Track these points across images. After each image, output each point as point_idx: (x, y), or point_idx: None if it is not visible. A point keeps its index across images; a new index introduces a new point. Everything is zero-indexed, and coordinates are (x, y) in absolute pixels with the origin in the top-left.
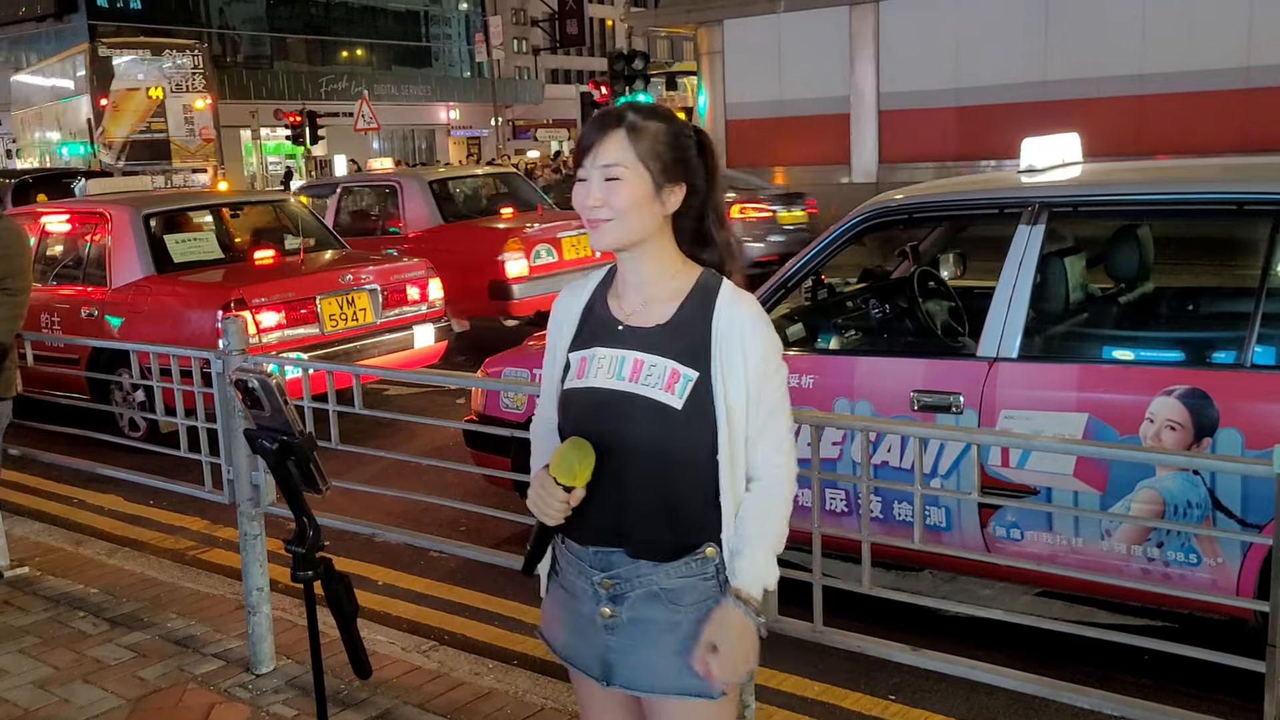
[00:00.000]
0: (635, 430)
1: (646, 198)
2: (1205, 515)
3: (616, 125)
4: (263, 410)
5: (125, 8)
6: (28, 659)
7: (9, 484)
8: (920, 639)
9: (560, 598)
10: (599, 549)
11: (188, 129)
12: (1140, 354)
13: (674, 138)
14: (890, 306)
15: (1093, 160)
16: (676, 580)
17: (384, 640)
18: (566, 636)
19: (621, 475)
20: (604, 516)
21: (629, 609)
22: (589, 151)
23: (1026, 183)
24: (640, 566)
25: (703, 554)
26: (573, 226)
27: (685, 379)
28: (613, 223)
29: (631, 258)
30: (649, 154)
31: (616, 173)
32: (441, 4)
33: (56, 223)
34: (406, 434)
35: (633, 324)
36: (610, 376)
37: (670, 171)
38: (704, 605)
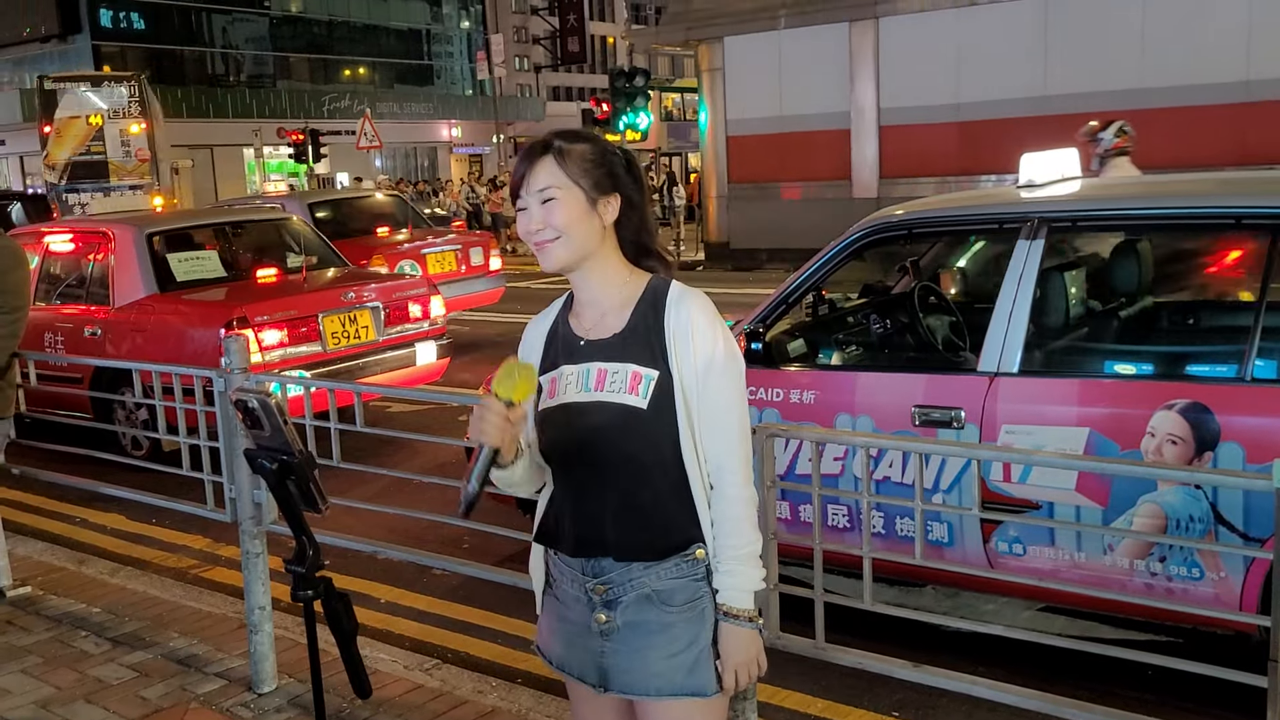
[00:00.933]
0: (605, 436)
1: (583, 212)
2: (1207, 530)
3: (544, 153)
4: (262, 430)
5: (129, 28)
6: (30, 679)
7: (11, 503)
8: (922, 655)
9: (554, 608)
10: (589, 558)
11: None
12: (1141, 368)
13: (600, 155)
14: (891, 321)
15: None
16: (668, 581)
17: (386, 658)
18: (561, 647)
19: (598, 483)
20: (586, 526)
21: (622, 613)
22: (523, 182)
23: (1026, 198)
24: (632, 569)
25: (692, 555)
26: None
27: (647, 379)
28: (558, 242)
29: (581, 275)
30: (578, 172)
31: (551, 194)
32: (443, 22)
33: (60, 242)
34: (409, 451)
35: (593, 337)
36: (579, 390)
37: (601, 185)
38: (696, 605)
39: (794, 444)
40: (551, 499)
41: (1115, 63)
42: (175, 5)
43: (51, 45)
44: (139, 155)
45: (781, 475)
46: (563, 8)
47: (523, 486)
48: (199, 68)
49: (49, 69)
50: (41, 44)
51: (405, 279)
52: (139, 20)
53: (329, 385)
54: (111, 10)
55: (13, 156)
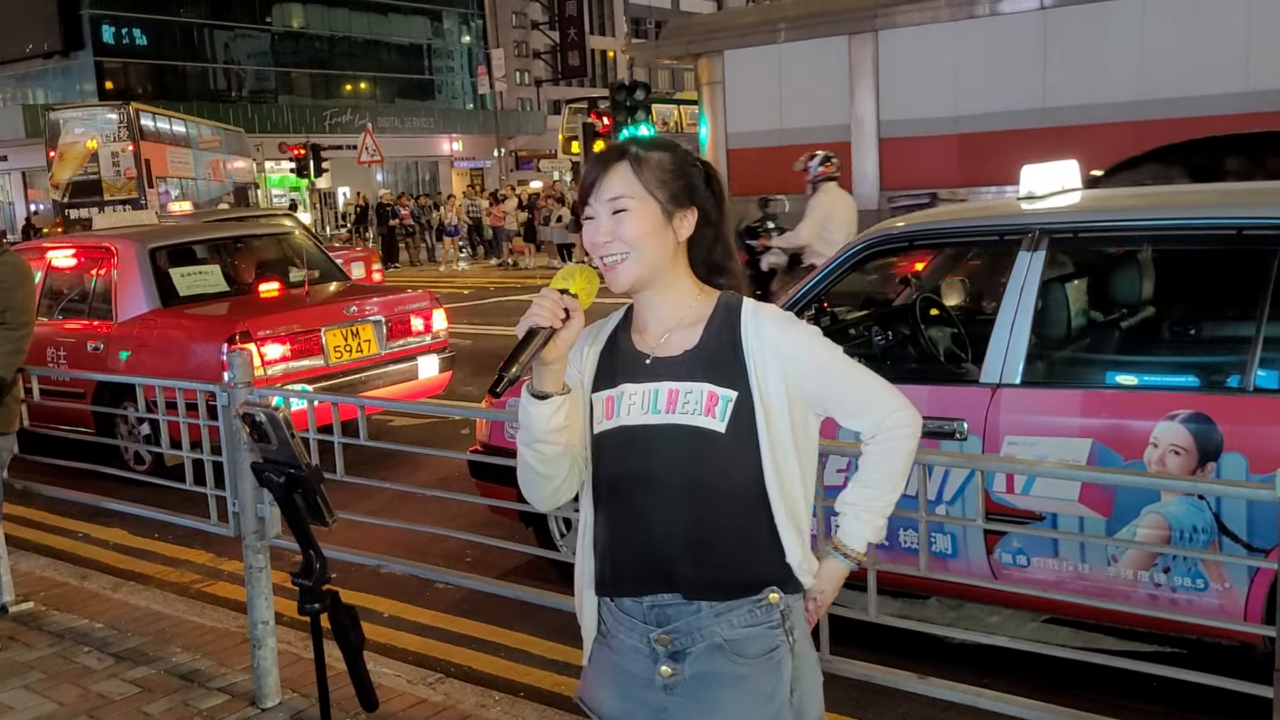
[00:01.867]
0: (678, 462)
1: (657, 226)
2: (1211, 540)
3: (619, 158)
4: (269, 443)
5: (131, 44)
6: (33, 695)
7: (14, 518)
8: (926, 667)
9: (606, 660)
10: (654, 602)
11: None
12: (1143, 379)
13: (679, 165)
14: (893, 333)
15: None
16: (741, 630)
17: (390, 672)
18: (616, 700)
19: (667, 513)
20: (653, 559)
21: (691, 665)
22: (593, 188)
23: (1026, 209)
24: (700, 617)
25: (765, 600)
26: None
27: (724, 399)
28: (628, 261)
29: (650, 294)
30: (654, 183)
31: (623, 204)
32: (444, 37)
33: (62, 257)
34: (411, 465)
35: (660, 355)
36: (645, 412)
37: (678, 198)
38: (773, 656)
39: None
40: (603, 540)
41: (1114, 75)
42: (177, 21)
43: (54, 61)
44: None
45: None
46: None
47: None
48: (201, 83)
49: (52, 85)
50: (44, 60)
51: (407, 293)
52: (141, 36)
53: (332, 399)
54: (114, 27)
55: (15, 172)
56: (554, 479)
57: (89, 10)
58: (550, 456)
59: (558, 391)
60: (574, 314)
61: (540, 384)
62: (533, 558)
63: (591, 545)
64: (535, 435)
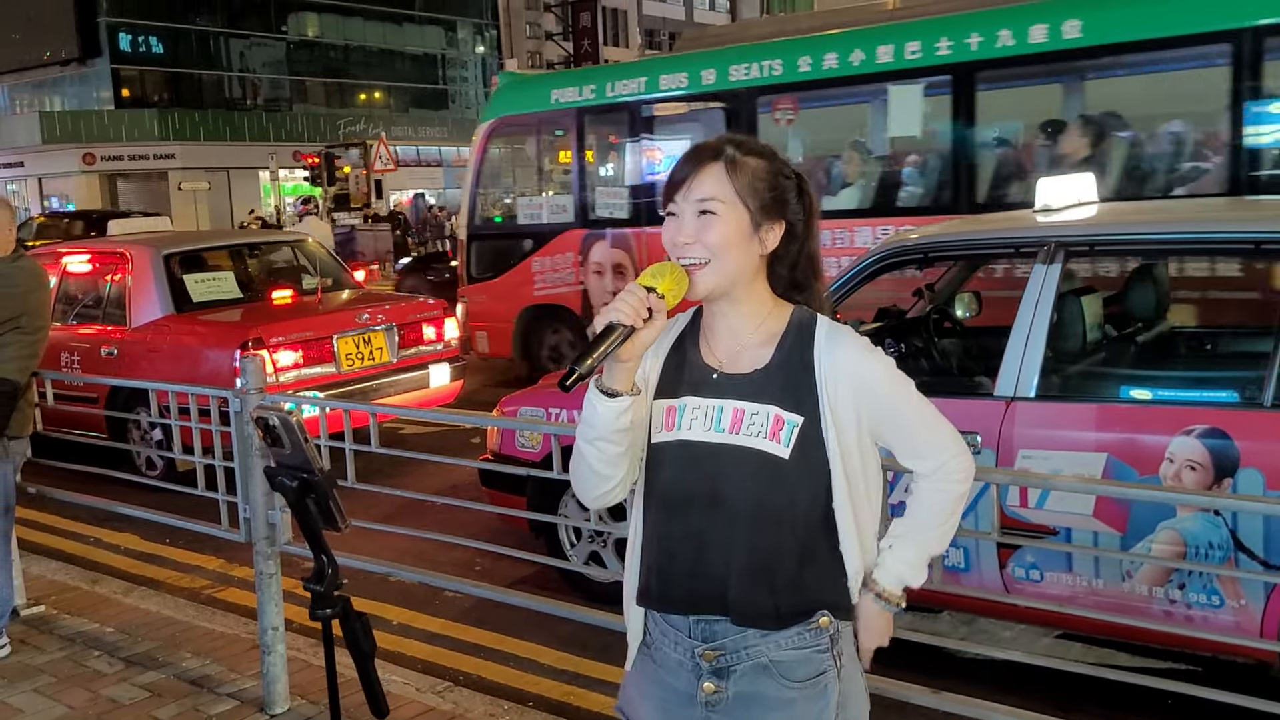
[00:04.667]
0: (739, 485)
1: (743, 236)
2: (1227, 556)
3: (714, 158)
4: (283, 448)
5: (148, 52)
6: (43, 698)
7: (27, 522)
8: (939, 681)
9: (649, 671)
10: (700, 618)
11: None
12: (1159, 393)
13: (774, 176)
14: (906, 345)
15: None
16: (789, 652)
17: (399, 680)
18: (656, 714)
19: (723, 535)
20: (704, 581)
21: (735, 683)
22: (682, 185)
23: (1042, 222)
24: (747, 637)
25: (816, 624)
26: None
27: (790, 425)
28: (708, 268)
29: (724, 304)
30: (747, 190)
31: (712, 207)
32: (458, 47)
33: (77, 263)
34: (422, 473)
35: (728, 371)
36: (707, 429)
37: (769, 210)
38: (820, 681)
39: None
40: (651, 552)
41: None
42: (194, 29)
43: (71, 69)
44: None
45: None
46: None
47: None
48: (216, 91)
49: (69, 92)
50: (61, 68)
51: (419, 301)
52: (157, 45)
53: (344, 406)
54: (130, 35)
55: (31, 178)
56: (610, 480)
57: (106, 18)
58: (610, 457)
59: (628, 391)
60: (657, 314)
61: (611, 381)
62: (543, 567)
63: (639, 555)
64: (599, 433)
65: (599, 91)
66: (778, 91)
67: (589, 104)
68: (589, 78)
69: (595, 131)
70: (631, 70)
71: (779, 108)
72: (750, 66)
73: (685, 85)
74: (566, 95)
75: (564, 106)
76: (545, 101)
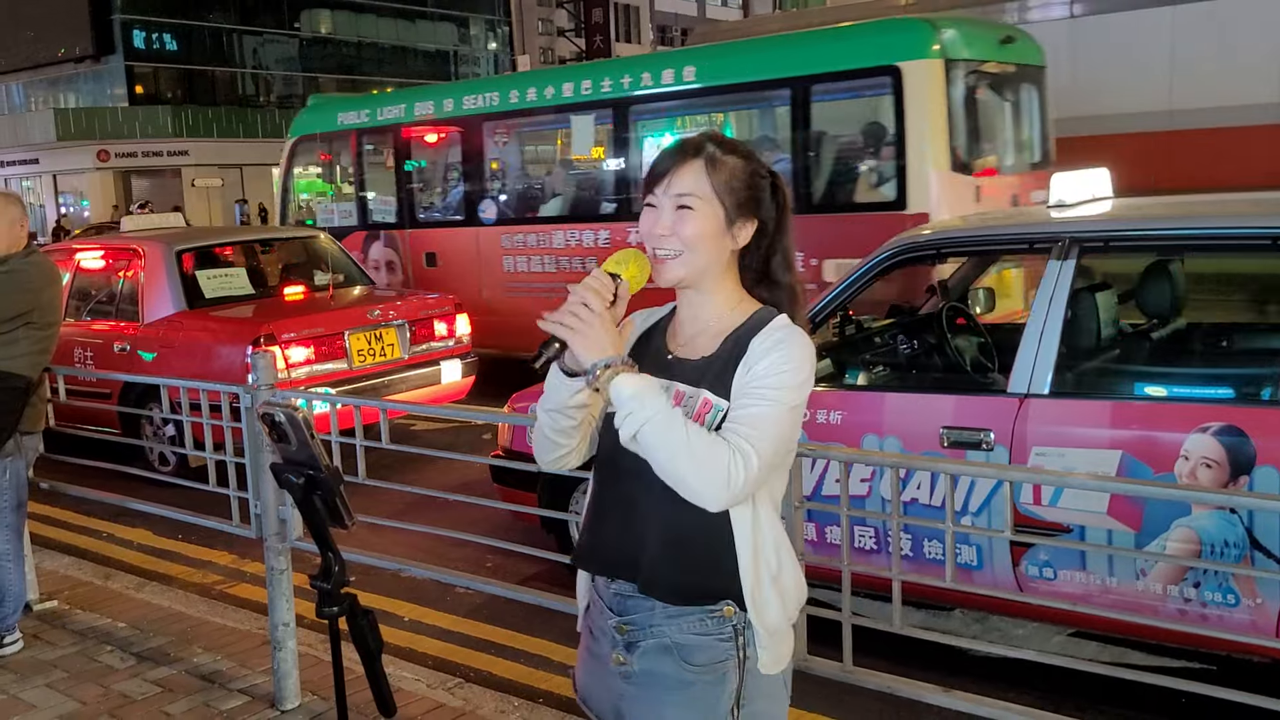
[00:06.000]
0: None
1: (716, 231)
2: (1243, 555)
3: (695, 155)
4: (289, 444)
5: (161, 49)
6: (55, 693)
7: (39, 517)
8: (951, 680)
9: (586, 641)
10: (617, 590)
11: None
12: (1174, 390)
13: (750, 175)
14: (919, 342)
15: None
16: (690, 636)
17: (409, 677)
18: (587, 678)
19: (641, 503)
20: (624, 546)
21: (640, 659)
22: (663, 178)
23: (1056, 217)
24: (654, 614)
25: (720, 612)
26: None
27: (716, 410)
28: (679, 259)
29: (693, 293)
30: (724, 188)
31: (689, 202)
32: (471, 44)
33: (90, 259)
34: (433, 469)
35: (681, 355)
36: None
37: (743, 207)
38: (719, 669)
39: (820, 464)
40: (590, 514)
41: (1143, 83)
42: (207, 26)
43: (85, 66)
44: None
45: (808, 496)
46: (589, 30)
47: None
48: (229, 88)
49: (83, 90)
50: (76, 65)
51: (431, 297)
52: (171, 42)
53: (355, 402)
54: (144, 32)
55: (46, 175)
56: (562, 447)
57: (120, 15)
58: (563, 427)
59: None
60: (620, 300)
61: (573, 362)
62: (553, 563)
63: (583, 518)
64: (554, 404)
65: (371, 115)
66: (496, 118)
67: (364, 125)
68: (364, 103)
69: (370, 148)
70: (396, 98)
71: (496, 131)
72: (476, 97)
73: (432, 111)
74: (349, 118)
75: (347, 127)
76: (334, 123)
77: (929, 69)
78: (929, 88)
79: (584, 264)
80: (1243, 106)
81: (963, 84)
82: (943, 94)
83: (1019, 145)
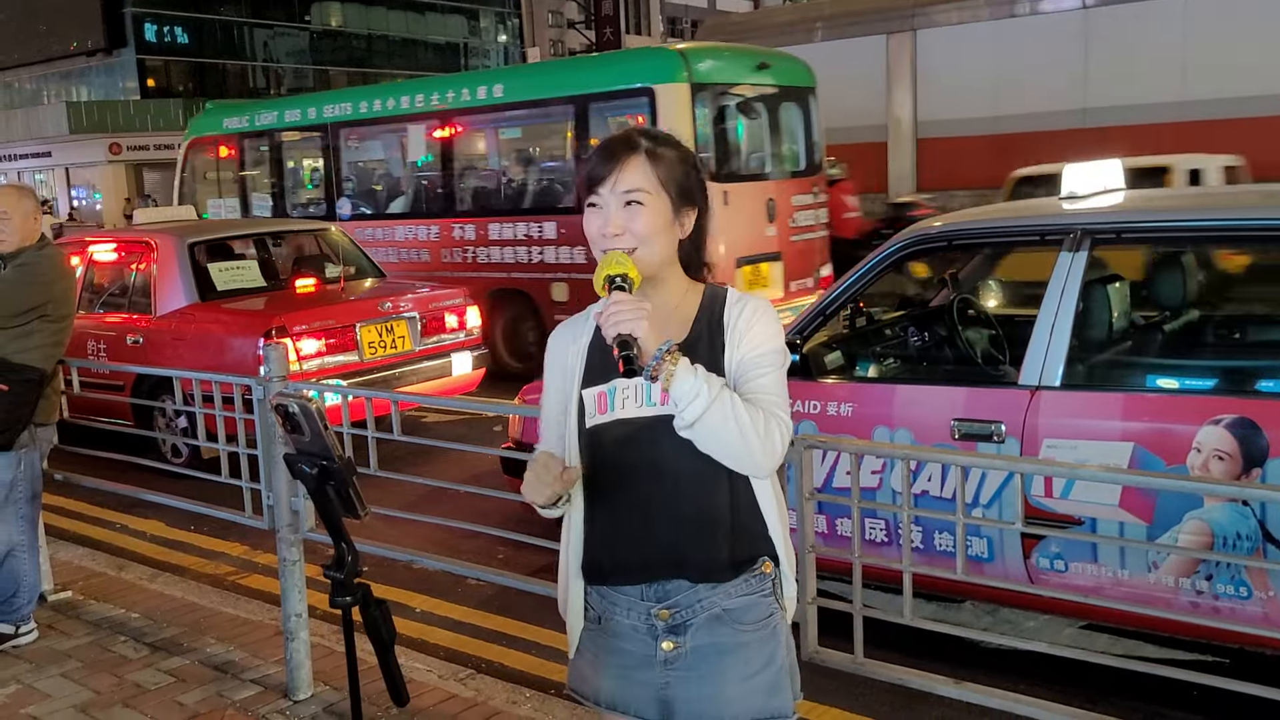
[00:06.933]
0: (675, 451)
1: (666, 223)
2: (1256, 547)
3: (633, 151)
4: (303, 435)
5: (173, 42)
6: (70, 683)
7: (54, 508)
8: (962, 672)
9: (601, 643)
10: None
11: None
12: (1186, 382)
13: (688, 163)
14: (930, 334)
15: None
16: (738, 599)
17: (421, 667)
18: (613, 683)
19: (669, 499)
20: (654, 547)
21: (693, 637)
22: (607, 178)
23: (1068, 209)
24: (699, 590)
25: (759, 569)
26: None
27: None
28: (635, 253)
29: (649, 287)
30: (668, 179)
31: (639, 198)
32: (481, 36)
33: (103, 251)
34: (444, 461)
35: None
36: (639, 405)
37: (686, 196)
38: (769, 623)
39: (831, 456)
40: (603, 531)
41: (1157, 75)
42: (218, 20)
43: (97, 60)
44: None
45: (819, 488)
46: (599, 21)
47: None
48: (240, 81)
49: (95, 83)
50: (88, 58)
51: (442, 290)
52: (182, 35)
53: (366, 394)
54: (156, 25)
55: (59, 168)
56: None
57: (131, 9)
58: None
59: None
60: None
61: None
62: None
63: (582, 535)
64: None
65: (250, 121)
66: (349, 125)
67: (245, 130)
68: (246, 110)
69: (250, 150)
70: (272, 105)
71: (350, 138)
72: (334, 107)
73: (299, 118)
74: (234, 123)
75: (231, 131)
76: (221, 127)
77: (677, 91)
78: (677, 107)
79: (417, 255)
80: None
81: (711, 104)
82: (689, 112)
83: (778, 156)
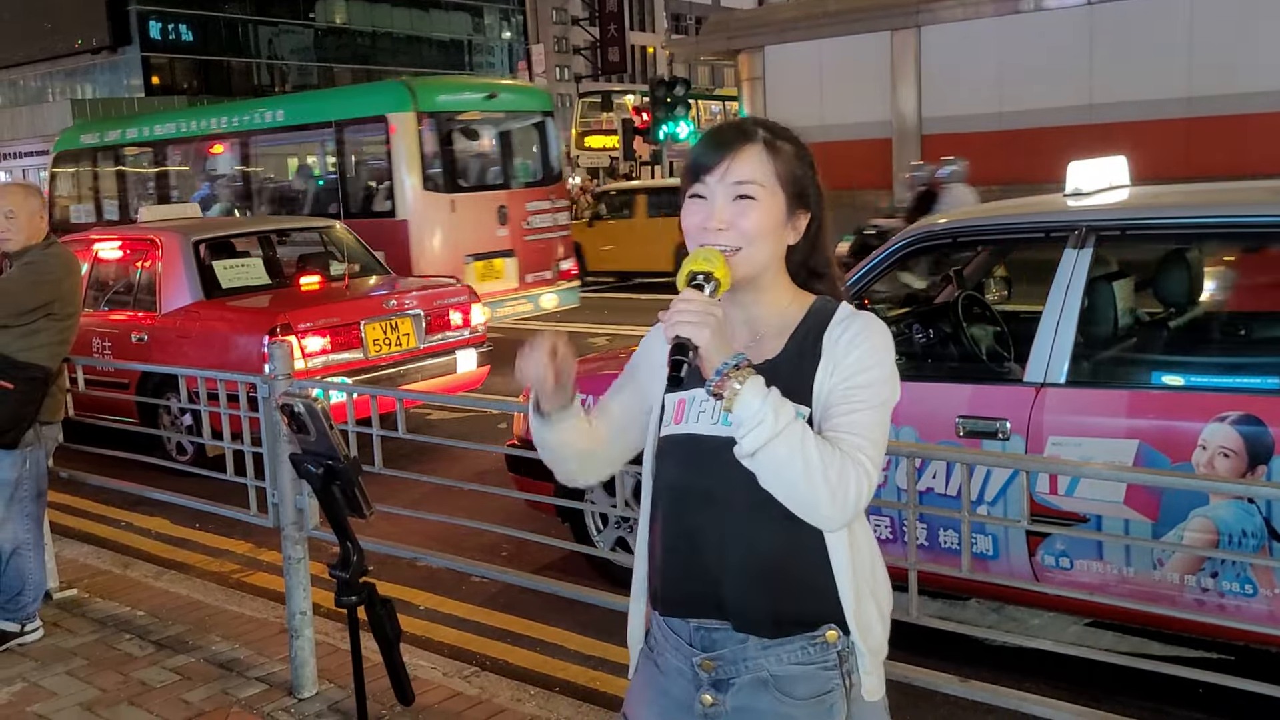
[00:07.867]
0: (737, 478)
1: (778, 224)
2: (1261, 544)
3: (749, 139)
4: (308, 435)
5: (177, 40)
6: (75, 680)
7: (59, 506)
8: (967, 669)
9: (651, 676)
10: (700, 624)
11: None
12: (1192, 379)
13: (806, 161)
14: (934, 331)
15: (1141, 184)
16: (790, 667)
17: (425, 665)
18: (653, 716)
19: (720, 533)
20: (698, 582)
21: (733, 697)
22: (717, 166)
23: (1073, 206)
24: (747, 648)
25: (821, 637)
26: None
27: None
28: (740, 254)
29: (750, 293)
30: (786, 176)
31: (752, 191)
32: (485, 33)
33: (108, 249)
34: (449, 458)
35: None
36: (714, 422)
37: (802, 197)
38: (824, 701)
39: None
40: (658, 554)
41: (1163, 70)
42: (223, 17)
43: (102, 57)
44: None
45: None
46: (603, 18)
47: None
48: (245, 78)
49: (100, 80)
50: (93, 56)
51: (446, 287)
52: (187, 32)
53: (371, 391)
54: (160, 23)
55: None
56: (566, 462)
57: (136, 6)
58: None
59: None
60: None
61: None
62: (569, 553)
63: (646, 554)
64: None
65: (101, 137)
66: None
67: (97, 145)
68: (99, 127)
69: (103, 162)
70: (119, 123)
71: (175, 153)
72: (164, 125)
73: (139, 135)
74: (89, 139)
75: (87, 146)
76: (79, 142)
77: (406, 119)
78: (406, 132)
79: None
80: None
81: (438, 129)
82: (416, 137)
83: (508, 170)
